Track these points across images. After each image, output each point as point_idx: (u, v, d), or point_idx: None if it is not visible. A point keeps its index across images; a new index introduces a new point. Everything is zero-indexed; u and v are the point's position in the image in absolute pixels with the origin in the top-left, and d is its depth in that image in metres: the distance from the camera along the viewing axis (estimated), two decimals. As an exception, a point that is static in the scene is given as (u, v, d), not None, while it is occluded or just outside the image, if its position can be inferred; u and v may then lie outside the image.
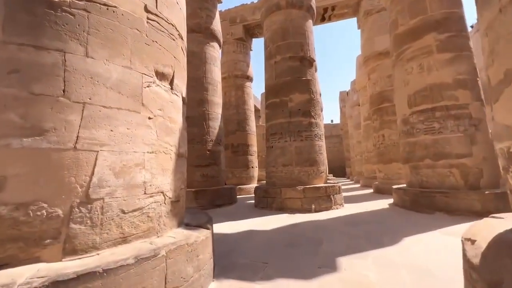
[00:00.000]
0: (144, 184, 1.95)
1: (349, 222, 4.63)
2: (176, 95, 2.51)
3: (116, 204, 1.75)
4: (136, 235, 1.87)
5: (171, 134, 2.34)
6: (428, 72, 5.85)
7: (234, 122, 11.91)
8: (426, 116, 5.81)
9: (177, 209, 2.39)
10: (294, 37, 7.06)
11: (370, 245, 3.30)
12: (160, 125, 2.19)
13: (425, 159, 5.77)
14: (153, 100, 2.13)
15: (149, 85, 2.11)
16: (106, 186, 1.71)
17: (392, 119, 9.76)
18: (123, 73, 1.90)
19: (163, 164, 2.18)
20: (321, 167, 6.75)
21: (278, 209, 6.24)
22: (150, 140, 2.05)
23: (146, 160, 1.99)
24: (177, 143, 2.45)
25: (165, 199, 2.17)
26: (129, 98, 1.92)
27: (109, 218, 1.71)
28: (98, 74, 1.76)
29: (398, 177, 9.45)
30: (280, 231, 4.22)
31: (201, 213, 3.11)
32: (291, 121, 6.74)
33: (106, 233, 1.68)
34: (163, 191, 2.15)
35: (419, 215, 5.11)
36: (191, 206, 7.01)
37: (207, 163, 7.77)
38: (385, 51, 10.12)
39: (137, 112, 1.97)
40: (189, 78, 8.12)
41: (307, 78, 6.98)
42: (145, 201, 1.95)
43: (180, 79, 2.63)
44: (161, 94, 2.24)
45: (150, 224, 1.99)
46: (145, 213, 1.95)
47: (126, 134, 1.87)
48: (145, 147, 2.00)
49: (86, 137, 1.66)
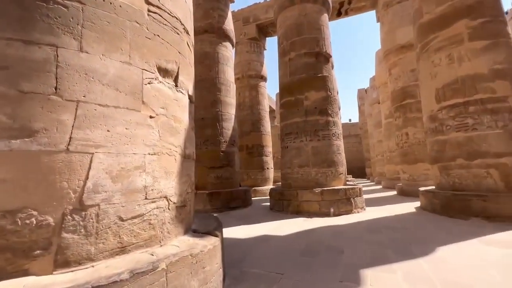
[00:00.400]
0: (144, 189, 1.80)
1: (372, 228, 4.26)
2: (182, 92, 2.35)
3: (113, 211, 1.60)
4: (136, 245, 1.71)
5: (176, 134, 2.18)
6: (459, 63, 5.31)
7: (249, 123, 11.75)
8: (457, 111, 5.27)
9: (183, 215, 2.23)
10: (309, 32, 6.76)
11: (398, 255, 2.94)
12: (163, 124, 2.03)
13: (457, 158, 5.23)
14: (155, 97, 1.98)
15: (151, 82, 1.96)
16: (102, 191, 1.57)
17: (417, 116, 9.13)
18: (121, 69, 1.76)
19: (167, 167, 2.02)
20: (340, 168, 6.38)
21: (294, 213, 5.95)
22: (152, 140, 1.90)
23: (147, 163, 1.84)
24: (183, 144, 2.28)
25: (169, 205, 2.01)
26: (128, 95, 1.78)
27: (105, 226, 1.56)
28: (93, 70, 1.63)
29: (424, 178, 8.79)
30: (296, 237, 3.95)
31: (211, 218, 2.93)
32: (307, 120, 6.43)
33: (102, 243, 1.54)
34: (166, 195, 1.99)
35: (452, 220, 4.61)
36: (205, 209, 6.92)
37: (221, 164, 7.65)
38: (407, 43, 9.50)
39: (137, 111, 1.83)
40: (202, 79, 8.11)
41: (323, 75, 6.64)
42: (146, 207, 1.79)
43: (186, 76, 2.48)
44: (164, 91, 2.09)
45: (152, 232, 1.83)
46: (146, 220, 1.79)
47: (124, 134, 1.72)
48: (146, 149, 1.85)
49: (80, 138, 1.53)
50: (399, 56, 9.81)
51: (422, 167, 8.85)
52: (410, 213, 5.63)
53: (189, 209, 2.38)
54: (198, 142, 7.67)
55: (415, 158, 9.05)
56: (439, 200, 5.30)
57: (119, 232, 1.62)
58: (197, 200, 7.06)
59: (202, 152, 7.63)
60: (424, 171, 8.81)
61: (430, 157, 6.05)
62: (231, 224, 5.20)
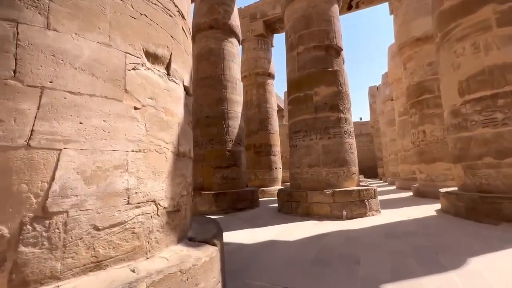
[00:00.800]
0: (127, 192, 1.53)
1: (390, 234, 3.87)
2: (175, 82, 2.08)
3: (86, 219, 1.34)
4: (115, 258, 1.45)
5: (167, 129, 1.91)
6: (486, 51, 4.82)
7: (256, 122, 11.46)
8: (484, 105, 4.79)
9: (177, 221, 1.95)
10: (319, 24, 6.39)
11: (424, 267, 2.57)
12: (151, 117, 1.76)
13: (485, 157, 4.75)
14: (141, 86, 1.71)
15: (136, 68, 1.69)
16: (72, 195, 1.31)
17: (435, 113, 8.59)
18: (98, 51, 1.50)
19: (155, 166, 1.75)
20: (353, 168, 5.98)
21: (304, 215, 5.61)
22: (137, 135, 1.63)
23: (131, 161, 1.57)
24: (176, 140, 2.01)
25: (157, 210, 1.73)
26: (107, 82, 1.52)
27: (75, 237, 1.30)
28: (63, 51, 1.37)
29: (443, 179, 8.24)
30: (306, 242, 3.62)
31: (211, 223, 2.65)
32: (316, 117, 6.07)
33: (71, 258, 1.28)
34: (155, 199, 1.71)
35: (479, 226, 4.16)
36: (211, 210, 6.68)
37: (227, 164, 7.40)
38: (423, 36, 8.96)
39: (118, 100, 1.56)
40: (207, 76, 7.87)
41: (334, 69, 6.26)
42: (128, 214, 1.53)
43: (181, 65, 2.20)
44: (152, 79, 1.82)
45: (136, 242, 1.56)
46: (129, 228, 1.52)
47: (102, 127, 1.46)
48: (129, 145, 1.58)
49: (45, 131, 1.27)
50: (414, 50, 9.26)
51: (440, 166, 8.30)
52: (431, 216, 5.18)
53: (184, 214, 2.11)
54: (203, 141, 7.47)
55: (433, 157, 8.50)
56: (464, 202, 4.83)
57: (94, 244, 1.36)
58: (203, 201, 6.84)
59: (207, 151, 7.40)
60: (443, 171, 8.26)
61: (453, 156, 5.56)
62: (236, 227, 4.92)
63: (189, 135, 2.36)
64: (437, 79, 8.60)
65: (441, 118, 8.42)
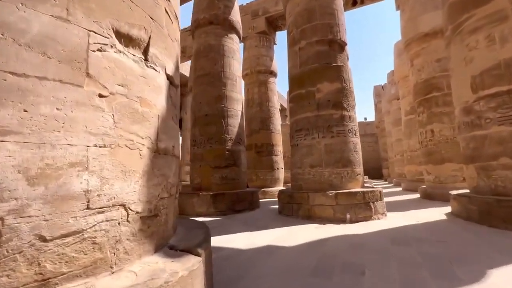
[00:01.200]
0: (86, 194, 1.28)
1: (399, 240, 3.57)
2: (154, 69, 1.83)
3: (28, 227, 1.10)
4: (69, 275, 1.20)
5: (143, 122, 1.66)
6: (502, 44, 4.48)
7: (258, 121, 11.20)
8: (499, 101, 4.45)
9: (154, 227, 1.70)
10: (322, 17, 6.10)
11: (437, 280, 2.28)
12: (122, 107, 1.52)
13: (500, 157, 4.41)
14: (109, 70, 1.47)
15: (103, 49, 1.45)
16: (10, 198, 1.06)
17: (444, 111, 8.21)
18: (52, 26, 1.26)
19: (126, 164, 1.50)
20: (357, 168, 5.68)
21: (305, 218, 5.32)
22: (101, 128, 1.39)
23: (92, 158, 1.32)
24: (154, 135, 1.76)
25: (127, 215, 1.49)
26: (63, 64, 1.27)
27: (13, 250, 1.06)
28: (4, 23, 1.13)
29: (452, 180, 7.86)
30: (306, 249, 3.35)
31: (199, 228, 2.40)
32: (319, 115, 5.78)
33: (6, 276, 1.03)
34: (124, 203, 1.47)
35: (495, 232, 3.83)
36: (209, 211, 6.43)
37: (226, 164, 7.15)
38: (432, 31, 8.59)
39: (78, 86, 1.32)
40: (206, 73, 7.63)
41: (338, 64, 5.96)
42: (87, 220, 1.28)
43: (163, 50, 1.96)
44: (125, 64, 1.58)
45: (98, 254, 1.31)
46: (88, 238, 1.28)
47: (54, 117, 1.22)
48: (91, 138, 1.33)
49: (-25, 119, 1.04)
50: (422, 46, 8.89)
51: (450, 167, 7.92)
52: (441, 220, 4.85)
53: (165, 219, 1.86)
54: (202, 140, 7.23)
55: (442, 157, 8.13)
56: (477, 206, 4.50)
57: (39, 259, 1.12)
58: (200, 202, 6.60)
59: (206, 150, 7.17)
60: (452, 172, 7.88)
61: (464, 156, 5.22)
62: (234, 229, 4.67)
63: (173, 130, 2.11)
64: (446, 76, 8.23)
65: (450, 117, 8.06)
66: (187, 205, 6.77)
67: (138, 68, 1.68)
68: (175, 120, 2.18)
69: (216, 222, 5.62)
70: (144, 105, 1.69)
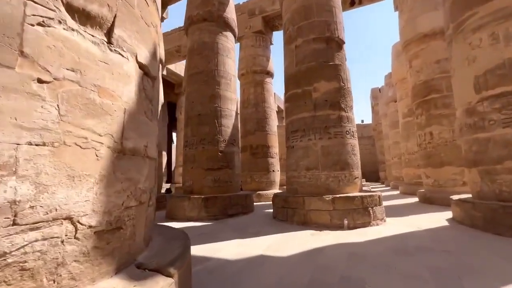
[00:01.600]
0: (12, 206, 0.99)
1: (401, 249, 3.31)
2: (120, 54, 1.55)
3: None
4: (-19, 314, 0.91)
5: (102, 116, 1.37)
6: (507, 42, 4.28)
7: (253, 122, 10.93)
8: (504, 102, 4.24)
9: (116, 243, 1.42)
10: (319, 14, 5.88)
11: (447, 299, 2.01)
12: (71, 97, 1.23)
13: (505, 161, 4.19)
14: (54, 50, 1.18)
15: (45, 23, 1.16)
16: None
17: (443, 113, 8.03)
18: (-30, -12, 0.98)
19: (75, 167, 1.21)
20: (355, 172, 5.42)
21: (301, 223, 5.05)
22: (40, 121, 1.10)
23: (24, 159, 1.04)
24: (118, 132, 1.48)
25: (76, 231, 1.20)
26: (-16, 37, 0.99)
27: None
28: None
29: (452, 184, 7.67)
30: (300, 259, 3.07)
31: (178, 239, 2.10)
32: (316, 115, 5.53)
33: None
34: (71, 215, 1.18)
35: (502, 240, 3.59)
36: (200, 216, 6.13)
37: (219, 166, 6.85)
38: (431, 32, 8.44)
39: (6, 67, 1.03)
40: (199, 71, 7.34)
41: (335, 63, 5.73)
42: (13, 240, 0.99)
43: (134, 34, 1.68)
44: (78, 45, 1.29)
45: (29, 283, 1.02)
46: (14, 263, 0.99)
47: (-34, 105, 0.93)
48: (23, 134, 1.05)
49: None
50: (421, 46, 8.73)
51: (449, 171, 7.72)
52: (444, 227, 4.61)
53: (131, 231, 1.57)
54: (194, 141, 6.94)
55: (441, 160, 7.93)
56: (482, 212, 4.27)
57: None
58: (192, 206, 6.29)
59: (198, 152, 6.87)
60: (452, 176, 7.68)
61: (467, 159, 5.00)
62: (224, 236, 4.37)
63: (146, 127, 1.82)
64: (445, 78, 8.07)
65: (449, 119, 7.88)
66: (178, 209, 6.46)
67: (98, 51, 1.40)
68: (149, 115, 1.90)
69: (206, 227, 5.32)
70: (105, 96, 1.41)
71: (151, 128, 1.92)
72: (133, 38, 1.67)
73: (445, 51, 8.11)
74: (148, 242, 1.87)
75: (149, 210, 1.86)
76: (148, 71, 1.89)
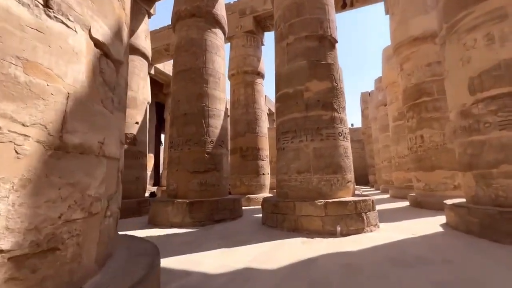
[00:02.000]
0: None
1: (399, 259, 3.06)
2: (65, 24, 1.21)
3: None
4: None
5: (29, 99, 1.03)
6: (502, 43, 4.18)
7: (243, 123, 10.62)
8: (500, 104, 4.12)
9: (49, 269, 1.06)
10: (311, 12, 5.67)
11: (458, 322, 1.75)
12: (-24, 69, 0.88)
13: (501, 164, 4.06)
14: None
15: None
16: None
17: (434, 117, 7.99)
18: None
19: (-23, 168, 0.86)
20: (348, 175, 5.20)
21: (291, 230, 4.75)
22: None
23: None
24: (56, 122, 1.13)
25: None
26: None
27: None
28: None
29: (443, 188, 7.59)
30: (290, 273, 2.76)
31: (145, 255, 1.75)
32: (307, 116, 5.28)
33: None
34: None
35: (502, 248, 3.41)
36: (184, 222, 5.74)
37: (206, 168, 6.48)
38: (422, 35, 8.43)
39: None
40: (187, 69, 6.97)
41: (328, 62, 5.52)
42: None
43: (87, 2, 1.34)
44: (-8, 0, 0.95)
45: None
46: None
47: None
48: None
49: None
50: (412, 50, 8.71)
51: (440, 174, 7.65)
52: (439, 233, 4.42)
53: (74, 252, 1.21)
54: (179, 141, 6.55)
55: (432, 164, 7.86)
56: (478, 218, 4.10)
57: None
58: (175, 212, 5.88)
59: (183, 153, 6.49)
60: (443, 180, 7.61)
61: (461, 163, 4.87)
62: (208, 245, 4.01)
63: (103, 119, 1.48)
64: (436, 81, 8.06)
65: (440, 123, 7.85)
66: (161, 214, 6.03)
67: (26, 15, 1.05)
68: (109, 106, 1.56)
69: (190, 234, 4.93)
70: (35, 74, 1.06)
71: (111, 121, 1.57)
72: (85, 6, 1.34)
73: (436, 54, 8.12)
74: (104, 262, 1.51)
75: (106, 222, 1.51)
76: (109, 52, 1.55)
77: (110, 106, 1.57)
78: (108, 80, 1.56)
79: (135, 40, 8.90)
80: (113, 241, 1.66)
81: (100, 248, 1.45)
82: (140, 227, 5.88)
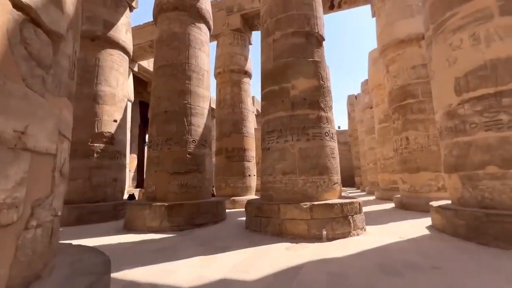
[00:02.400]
0: None
1: (387, 266, 2.86)
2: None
3: None
4: None
5: None
6: (487, 43, 4.15)
7: (229, 123, 10.31)
8: (486, 104, 4.07)
9: None
10: (298, 7, 5.49)
11: None
12: None
13: (488, 166, 4.00)
14: None
15: None
16: None
17: (419, 119, 8.03)
18: None
19: None
20: (334, 177, 5.02)
21: (275, 234, 4.50)
22: None
23: None
24: None
25: None
26: None
27: None
28: None
29: (428, 190, 7.62)
30: (272, 284, 2.49)
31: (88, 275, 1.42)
32: (293, 115, 5.07)
33: None
34: None
35: (489, 251, 3.32)
36: (162, 226, 5.34)
37: (187, 169, 6.12)
38: (407, 38, 8.50)
39: None
40: (168, 64, 6.56)
41: (315, 60, 5.35)
42: None
43: None
44: None
45: None
46: None
47: None
48: None
49: None
50: (397, 52, 8.76)
51: (425, 176, 7.68)
52: (426, 236, 4.31)
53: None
54: (159, 140, 6.17)
55: (417, 166, 7.88)
56: (465, 220, 4.02)
57: None
58: (153, 215, 5.48)
59: (163, 153, 6.10)
60: (428, 181, 7.64)
61: (447, 164, 4.81)
62: (185, 252, 3.67)
63: (25, 103, 1.16)
64: (421, 83, 8.13)
65: (425, 124, 7.90)
66: (137, 218, 5.61)
67: None
68: (38, 87, 1.23)
69: (166, 240, 4.56)
70: None
71: (41, 106, 1.25)
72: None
73: (421, 57, 8.20)
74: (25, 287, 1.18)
75: (29, 235, 1.18)
76: (39, 19, 1.23)
77: (40, 87, 1.24)
78: (37, 54, 1.23)
79: (115, 33, 8.40)
80: (44, 258, 1.32)
81: (17, 269, 1.11)
82: (113, 232, 5.43)
